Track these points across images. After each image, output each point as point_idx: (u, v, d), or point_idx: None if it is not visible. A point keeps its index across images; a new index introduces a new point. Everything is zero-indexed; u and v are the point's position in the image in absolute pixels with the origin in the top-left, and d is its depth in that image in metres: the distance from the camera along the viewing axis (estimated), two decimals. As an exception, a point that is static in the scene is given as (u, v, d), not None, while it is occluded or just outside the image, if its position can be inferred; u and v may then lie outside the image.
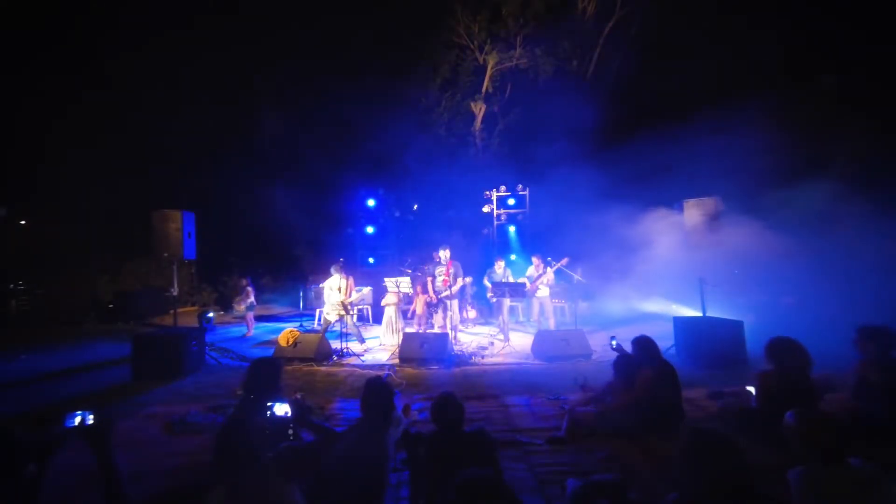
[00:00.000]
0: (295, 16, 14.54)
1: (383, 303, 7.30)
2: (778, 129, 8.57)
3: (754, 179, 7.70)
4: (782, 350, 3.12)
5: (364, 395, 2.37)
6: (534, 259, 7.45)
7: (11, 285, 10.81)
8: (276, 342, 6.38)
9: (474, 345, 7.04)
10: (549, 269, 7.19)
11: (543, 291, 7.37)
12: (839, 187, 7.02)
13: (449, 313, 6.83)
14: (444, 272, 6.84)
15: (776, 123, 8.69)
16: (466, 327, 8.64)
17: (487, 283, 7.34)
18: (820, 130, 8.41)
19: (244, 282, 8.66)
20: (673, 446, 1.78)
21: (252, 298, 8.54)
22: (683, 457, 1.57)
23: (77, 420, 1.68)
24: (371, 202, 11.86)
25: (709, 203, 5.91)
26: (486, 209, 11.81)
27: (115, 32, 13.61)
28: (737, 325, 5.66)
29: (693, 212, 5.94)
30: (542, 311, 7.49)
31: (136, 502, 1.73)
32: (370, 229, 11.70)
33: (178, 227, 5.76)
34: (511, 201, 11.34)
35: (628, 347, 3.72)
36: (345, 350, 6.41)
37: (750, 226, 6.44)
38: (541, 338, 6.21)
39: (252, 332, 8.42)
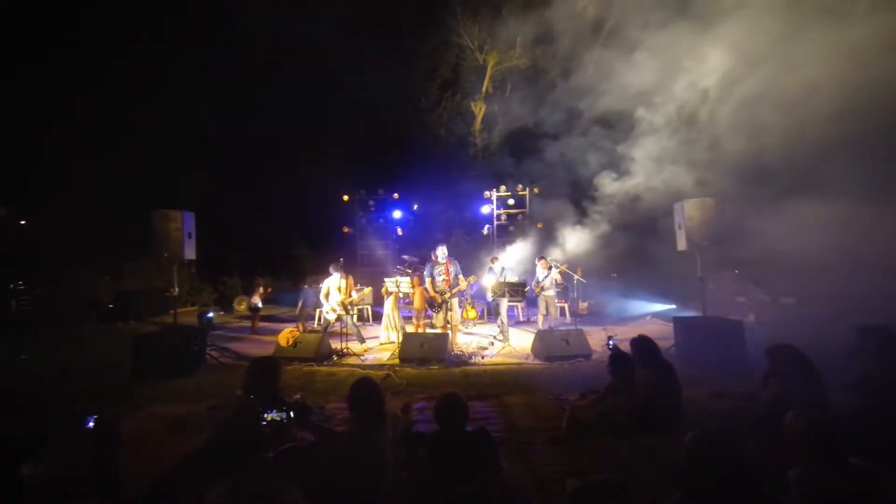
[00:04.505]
0: (295, 15, 14.54)
1: (384, 291, 7.37)
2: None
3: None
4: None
5: (351, 395, 2.34)
6: (541, 262, 7.64)
7: (11, 285, 10.80)
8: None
9: (474, 345, 7.04)
10: (554, 269, 7.46)
11: (550, 290, 7.67)
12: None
13: (449, 313, 6.82)
14: (443, 271, 6.84)
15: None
16: (466, 327, 8.64)
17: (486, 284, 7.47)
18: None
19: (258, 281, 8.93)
20: (673, 446, 1.78)
21: (249, 299, 8.67)
22: (689, 457, 1.56)
23: (91, 423, 1.69)
24: (371, 202, 11.86)
25: (707, 203, 5.90)
26: (485, 209, 11.83)
27: (115, 33, 13.61)
28: (737, 325, 5.66)
29: (692, 211, 5.93)
30: (547, 307, 7.71)
31: (135, 502, 1.74)
32: (370, 229, 11.71)
33: (178, 227, 5.75)
34: (511, 201, 11.35)
35: (627, 348, 3.72)
36: (345, 350, 6.41)
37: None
38: (540, 338, 6.20)
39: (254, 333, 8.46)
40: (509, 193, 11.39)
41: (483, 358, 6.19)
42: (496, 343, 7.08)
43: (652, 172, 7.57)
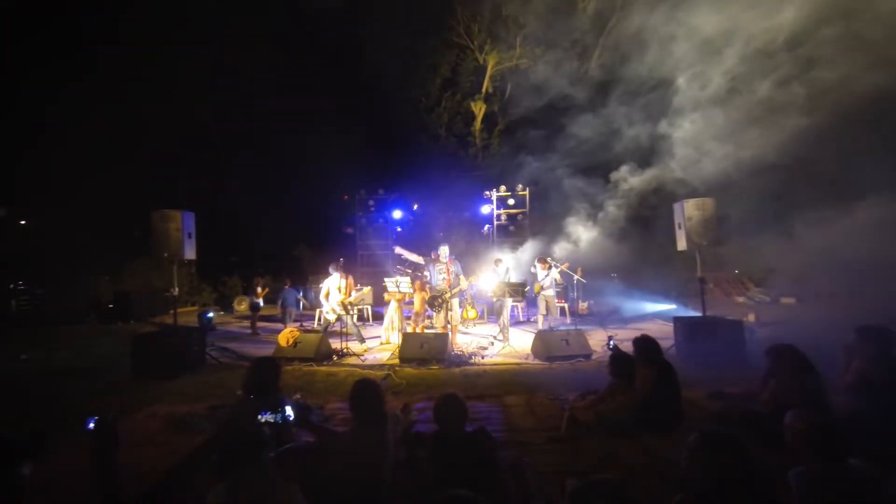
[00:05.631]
0: (295, 15, 14.54)
1: (386, 297, 7.35)
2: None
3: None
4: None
5: (351, 396, 2.35)
6: (541, 263, 7.64)
7: (11, 285, 10.81)
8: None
9: (474, 345, 7.04)
10: (554, 269, 7.48)
11: (550, 290, 7.71)
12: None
13: (450, 313, 6.82)
14: (444, 270, 6.83)
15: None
16: (466, 327, 8.64)
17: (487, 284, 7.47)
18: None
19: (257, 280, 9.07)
20: (673, 446, 1.78)
21: (251, 298, 8.73)
22: (693, 458, 1.56)
23: (92, 424, 1.69)
24: (371, 202, 11.86)
25: (707, 203, 5.90)
26: (485, 209, 11.82)
27: (115, 33, 13.61)
28: (737, 325, 5.66)
29: (692, 211, 5.92)
30: (547, 307, 7.71)
31: (135, 502, 1.73)
32: (370, 229, 11.71)
33: (178, 227, 5.75)
34: (511, 201, 11.34)
35: (626, 347, 3.71)
36: (345, 350, 6.41)
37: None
38: (540, 338, 6.20)
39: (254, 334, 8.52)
40: (509, 193, 11.38)
41: (483, 358, 6.19)
42: (496, 343, 7.08)
43: (683, 161, 6.93)
